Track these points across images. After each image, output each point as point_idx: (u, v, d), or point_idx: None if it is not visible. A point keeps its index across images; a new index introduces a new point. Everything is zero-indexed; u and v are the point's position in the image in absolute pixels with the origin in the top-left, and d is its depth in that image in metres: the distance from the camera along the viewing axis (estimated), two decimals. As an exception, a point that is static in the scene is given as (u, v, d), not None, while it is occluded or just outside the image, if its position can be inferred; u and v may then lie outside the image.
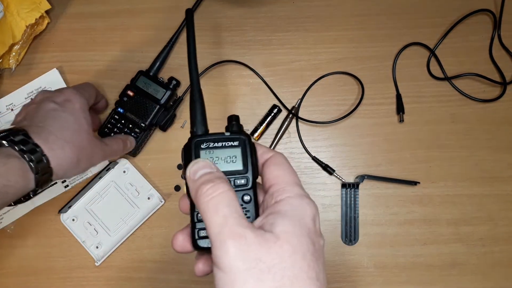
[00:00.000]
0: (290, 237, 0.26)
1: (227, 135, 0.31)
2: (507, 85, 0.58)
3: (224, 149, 0.31)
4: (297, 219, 0.27)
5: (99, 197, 0.58)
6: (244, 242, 0.24)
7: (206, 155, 0.30)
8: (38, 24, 0.59)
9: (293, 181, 0.30)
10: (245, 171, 0.30)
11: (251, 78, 0.60)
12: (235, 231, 0.25)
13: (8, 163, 0.37)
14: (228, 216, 0.25)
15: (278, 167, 0.31)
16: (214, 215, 0.25)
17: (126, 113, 0.56)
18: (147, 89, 0.56)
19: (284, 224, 0.26)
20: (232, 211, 0.25)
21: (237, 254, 0.24)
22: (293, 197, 0.28)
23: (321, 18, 0.61)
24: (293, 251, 0.25)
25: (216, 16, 0.61)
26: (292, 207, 0.28)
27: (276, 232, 0.26)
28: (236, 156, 0.31)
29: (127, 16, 0.61)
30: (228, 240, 0.24)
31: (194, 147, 0.31)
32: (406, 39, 0.60)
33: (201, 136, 0.31)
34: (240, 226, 0.25)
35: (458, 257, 0.56)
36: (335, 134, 0.59)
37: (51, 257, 0.57)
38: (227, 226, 0.25)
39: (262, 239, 0.25)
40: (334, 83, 0.59)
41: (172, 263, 0.57)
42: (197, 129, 0.33)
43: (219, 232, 0.25)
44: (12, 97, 0.59)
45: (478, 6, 0.60)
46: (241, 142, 0.31)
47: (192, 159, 0.30)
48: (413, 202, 0.57)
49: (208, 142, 0.31)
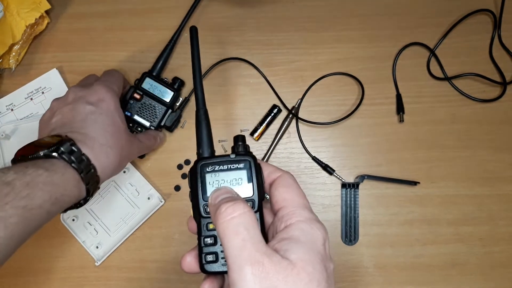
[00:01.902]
0: (306, 264, 0.26)
1: (232, 158, 0.31)
2: (507, 85, 0.58)
3: (229, 171, 0.31)
4: (310, 246, 0.27)
5: (99, 197, 0.58)
6: (262, 269, 0.25)
7: (211, 178, 0.31)
8: (38, 24, 0.59)
9: (302, 204, 0.30)
10: (251, 193, 0.30)
11: (251, 78, 0.60)
12: (254, 257, 0.25)
13: (66, 174, 0.38)
14: (247, 240, 0.26)
15: (287, 189, 0.31)
16: (233, 238, 0.26)
17: (134, 116, 0.55)
18: (153, 91, 0.56)
19: (299, 252, 0.26)
20: (251, 235, 0.26)
21: (254, 281, 0.24)
22: (304, 221, 0.29)
23: (321, 18, 0.61)
24: (309, 279, 0.26)
25: (216, 16, 0.61)
26: (304, 233, 0.28)
27: (292, 260, 0.26)
28: (242, 179, 0.31)
29: (127, 16, 0.61)
30: (246, 266, 0.25)
31: (200, 171, 0.31)
32: (406, 39, 0.60)
33: (207, 159, 0.31)
34: (259, 252, 0.25)
35: (458, 257, 0.56)
36: (335, 134, 0.59)
37: (51, 257, 0.57)
38: (245, 250, 0.25)
39: (279, 267, 0.25)
40: (334, 83, 0.59)
41: (172, 263, 0.57)
42: (203, 151, 0.33)
43: (237, 256, 0.25)
44: (12, 97, 0.59)
45: (478, 6, 0.60)
46: (246, 164, 0.31)
47: (198, 183, 0.30)
48: (413, 202, 0.57)
49: (213, 165, 0.31)
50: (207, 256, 0.30)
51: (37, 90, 0.59)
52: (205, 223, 0.31)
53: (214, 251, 0.30)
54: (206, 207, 0.30)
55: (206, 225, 0.31)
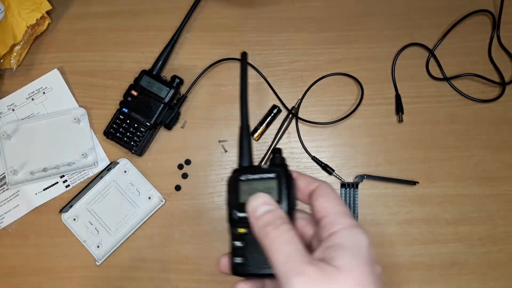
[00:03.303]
0: (352, 270, 0.27)
1: (264, 167, 0.32)
2: (506, 85, 0.58)
3: (261, 181, 0.32)
4: (355, 251, 0.28)
5: (100, 196, 0.58)
6: (309, 278, 0.26)
7: (245, 186, 0.32)
8: (39, 25, 0.60)
9: (343, 211, 0.30)
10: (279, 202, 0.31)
11: (251, 78, 0.60)
12: (300, 269, 0.26)
13: None
14: (291, 255, 0.27)
15: (326, 198, 0.31)
16: (278, 255, 0.27)
17: (131, 113, 0.56)
18: (151, 88, 0.56)
19: (344, 257, 0.27)
20: (293, 249, 0.27)
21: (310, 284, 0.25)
22: (346, 228, 0.29)
23: (321, 19, 0.61)
24: (355, 283, 0.26)
25: (217, 16, 0.61)
26: (348, 239, 0.29)
27: (337, 266, 0.27)
28: (273, 188, 0.31)
29: (128, 16, 0.62)
30: (293, 278, 0.26)
31: (234, 179, 0.32)
32: (406, 40, 0.60)
33: (242, 169, 0.33)
34: (303, 263, 0.26)
35: (457, 257, 0.56)
36: (335, 134, 0.59)
37: (52, 257, 0.58)
38: (291, 263, 0.26)
39: (325, 274, 0.26)
40: (334, 83, 0.60)
41: (173, 263, 0.57)
42: (243, 162, 0.34)
43: (284, 270, 0.26)
44: (13, 98, 0.60)
45: (477, 7, 0.60)
46: (277, 174, 0.32)
47: (232, 190, 0.32)
48: (412, 202, 0.57)
49: (246, 174, 0.32)
50: (236, 258, 0.31)
51: (38, 90, 0.60)
52: (235, 227, 0.32)
53: (243, 254, 0.31)
54: (238, 211, 0.31)
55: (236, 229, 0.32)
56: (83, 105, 0.60)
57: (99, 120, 0.59)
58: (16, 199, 0.58)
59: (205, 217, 0.58)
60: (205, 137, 0.59)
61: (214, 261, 0.57)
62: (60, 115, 0.59)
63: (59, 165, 0.58)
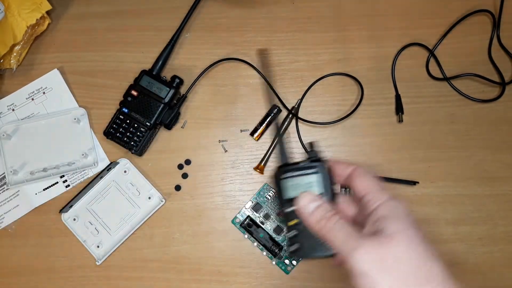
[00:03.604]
0: (402, 234, 0.31)
1: (303, 165, 0.36)
2: (505, 85, 0.58)
3: (303, 177, 0.36)
4: (399, 219, 0.32)
5: (100, 196, 0.58)
6: (365, 250, 0.31)
7: (288, 183, 0.36)
8: (39, 25, 0.60)
9: (380, 188, 0.35)
10: (322, 194, 0.35)
11: (251, 78, 0.60)
12: (356, 244, 0.31)
13: None
14: (346, 237, 0.32)
15: (363, 178, 0.35)
16: (336, 240, 0.33)
17: (131, 113, 0.56)
18: (151, 88, 0.56)
19: (391, 226, 0.32)
20: (347, 232, 0.32)
21: (364, 262, 0.30)
22: (387, 201, 0.34)
23: (321, 19, 0.61)
24: (406, 245, 0.31)
25: (216, 16, 0.61)
26: (390, 210, 0.33)
27: (388, 234, 0.31)
28: (315, 182, 0.35)
29: (128, 16, 0.62)
30: (353, 252, 0.31)
31: (279, 177, 0.36)
32: (406, 40, 0.60)
33: (284, 167, 0.36)
34: (357, 240, 0.31)
35: (457, 257, 0.56)
36: (335, 134, 0.59)
37: (52, 257, 0.58)
38: (348, 243, 0.32)
39: (379, 243, 0.31)
40: (334, 83, 0.60)
41: (173, 263, 0.57)
42: (282, 161, 0.38)
43: (344, 250, 0.32)
44: (13, 98, 0.60)
45: (477, 7, 0.60)
46: (317, 169, 0.36)
47: (278, 187, 0.36)
48: (412, 202, 0.57)
49: (289, 172, 0.36)
50: (292, 245, 0.36)
51: (38, 90, 0.60)
52: (288, 220, 0.36)
53: (298, 241, 0.35)
54: (286, 205, 0.36)
55: (289, 222, 0.36)
56: (83, 105, 0.60)
57: (99, 120, 0.59)
58: (16, 199, 0.58)
59: (205, 217, 0.58)
60: (205, 137, 0.59)
61: (214, 261, 0.57)
62: (60, 115, 0.59)
63: (59, 165, 0.58)
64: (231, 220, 0.58)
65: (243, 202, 0.58)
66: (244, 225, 0.57)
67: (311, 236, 0.34)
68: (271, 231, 0.57)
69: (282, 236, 0.57)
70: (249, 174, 0.58)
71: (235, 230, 0.57)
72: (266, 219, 0.57)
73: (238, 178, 0.58)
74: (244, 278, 0.57)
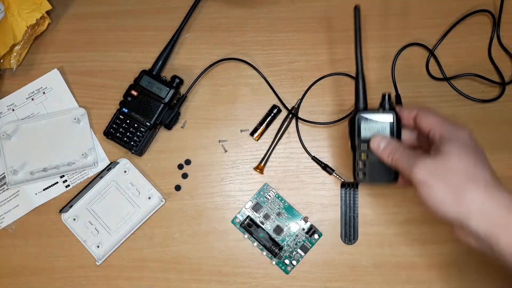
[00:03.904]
0: (454, 150, 0.38)
1: (379, 111, 0.45)
2: (506, 85, 0.58)
3: (377, 122, 0.45)
4: (459, 140, 0.39)
5: (100, 196, 0.58)
6: (423, 165, 0.38)
7: (364, 125, 0.45)
8: (39, 25, 0.60)
9: (443, 120, 0.41)
10: (392, 135, 0.44)
11: (251, 78, 0.60)
12: (416, 162, 0.39)
13: None
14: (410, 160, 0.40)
15: (427, 117, 0.42)
16: (403, 164, 0.41)
17: (131, 113, 0.56)
18: (151, 88, 0.56)
19: (449, 145, 0.39)
20: (409, 156, 0.41)
21: (421, 173, 0.38)
22: (449, 128, 0.41)
23: (321, 19, 0.61)
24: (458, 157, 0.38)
25: (216, 16, 0.61)
26: (451, 133, 0.40)
27: (443, 151, 0.38)
28: (386, 126, 0.45)
29: (128, 16, 0.62)
30: (414, 168, 0.39)
31: (358, 120, 0.45)
32: (405, 40, 0.60)
33: (363, 112, 0.46)
34: (417, 158, 0.39)
35: (457, 257, 0.56)
36: (335, 134, 0.59)
37: (52, 257, 0.58)
38: (411, 162, 0.39)
39: (433, 159, 0.38)
40: (334, 83, 0.60)
41: (173, 263, 0.57)
42: (360, 105, 0.47)
43: (408, 168, 0.39)
44: (13, 98, 0.60)
45: (478, 7, 0.60)
46: (389, 116, 0.45)
47: (356, 128, 0.45)
48: (413, 202, 0.57)
49: (366, 116, 0.45)
50: (359, 173, 0.46)
51: (38, 90, 0.60)
52: (358, 153, 0.46)
53: (364, 171, 0.46)
54: (360, 143, 0.45)
55: (359, 155, 0.46)
56: (83, 105, 0.60)
57: (99, 120, 0.59)
58: (16, 199, 0.58)
59: (205, 217, 0.58)
60: (205, 137, 0.59)
61: (214, 261, 0.57)
62: (60, 115, 0.59)
63: (59, 165, 0.58)
64: (231, 220, 0.58)
65: (243, 202, 0.58)
66: (244, 225, 0.57)
67: (375, 168, 0.46)
68: (271, 231, 0.57)
69: (282, 236, 0.57)
70: (249, 174, 0.58)
71: (235, 230, 0.57)
72: (266, 219, 0.57)
73: (238, 178, 0.58)
74: (244, 278, 0.57)
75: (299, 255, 0.57)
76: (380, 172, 0.46)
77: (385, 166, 0.45)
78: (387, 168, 0.45)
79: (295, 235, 0.57)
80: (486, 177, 0.38)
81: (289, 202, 0.58)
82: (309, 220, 0.57)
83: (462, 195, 0.37)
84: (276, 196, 0.58)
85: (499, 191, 0.37)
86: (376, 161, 0.45)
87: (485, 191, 0.37)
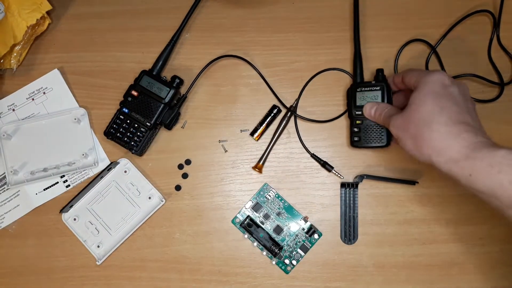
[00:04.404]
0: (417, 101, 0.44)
1: (372, 83, 0.54)
2: (504, 86, 0.58)
3: (370, 91, 0.54)
4: (420, 88, 0.44)
5: (100, 196, 0.58)
6: (394, 120, 0.46)
7: (360, 94, 0.54)
8: (39, 25, 0.60)
9: (419, 72, 0.46)
10: (383, 101, 0.53)
11: (251, 78, 0.60)
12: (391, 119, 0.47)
13: None
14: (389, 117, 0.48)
15: (409, 74, 0.48)
16: (385, 123, 0.49)
17: (131, 113, 0.56)
18: (151, 88, 0.56)
19: (412, 96, 0.45)
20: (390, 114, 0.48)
21: (394, 128, 0.46)
22: (419, 78, 0.45)
23: (321, 19, 0.61)
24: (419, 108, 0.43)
25: (216, 16, 0.61)
26: (418, 83, 0.45)
27: (409, 103, 0.45)
28: (378, 95, 0.53)
29: (128, 17, 0.62)
30: (389, 126, 0.47)
31: (354, 90, 0.55)
32: (406, 40, 0.60)
33: (358, 84, 0.55)
34: (391, 116, 0.47)
35: (457, 257, 0.56)
36: (335, 134, 0.59)
37: (53, 257, 0.58)
38: (388, 120, 0.47)
39: (401, 113, 0.45)
40: (334, 83, 0.60)
41: (173, 263, 0.57)
42: (357, 78, 0.57)
43: (387, 126, 0.48)
44: (13, 98, 0.60)
45: (477, 7, 0.60)
46: (381, 87, 0.54)
47: (352, 97, 0.55)
48: (412, 202, 0.57)
49: (361, 87, 0.55)
50: (355, 137, 0.55)
51: (39, 90, 0.60)
52: (354, 120, 0.55)
53: (359, 135, 0.54)
54: (356, 111, 0.55)
55: (355, 121, 0.55)
56: (83, 105, 0.60)
57: (99, 120, 0.59)
58: (16, 199, 0.58)
59: (205, 217, 0.58)
60: (205, 137, 0.59)
61: (214, 261, 0.57)
62: (61, 115, 0.59)
63: (59, 165, 0.58)
64: (231, 220, 0.58)
65: (243, 202, 0.58)
66: (244, 225, 0.57)
67: (369, 132, 0.54)
68: (271, 231, 0.57)
69: (282, 236, 0.57)
70: (249, 174, 0.59)
71: (235, 230, 0.58)
72: (266, 219, 0.57)
73: (238, 178, 0.59)
74: (244, 278, 0.57)
75: (299, 255, 0.57)
76: (373, 136, 0.53)
77: (378, 132, 0.53)
78: (380, 134, 0.53)
79: (295, 235, 0.57)
80: (441, 121, 0.41)
81: (289, 202, 0.58)
82: (309, 220, 0.57)
83: (419, 143, 0.42)
84: (276, 196, 0.58)
85: (459, 133, 0.40)
86: (370, 127, 0.54)
87: (439, 136, 0.40)
